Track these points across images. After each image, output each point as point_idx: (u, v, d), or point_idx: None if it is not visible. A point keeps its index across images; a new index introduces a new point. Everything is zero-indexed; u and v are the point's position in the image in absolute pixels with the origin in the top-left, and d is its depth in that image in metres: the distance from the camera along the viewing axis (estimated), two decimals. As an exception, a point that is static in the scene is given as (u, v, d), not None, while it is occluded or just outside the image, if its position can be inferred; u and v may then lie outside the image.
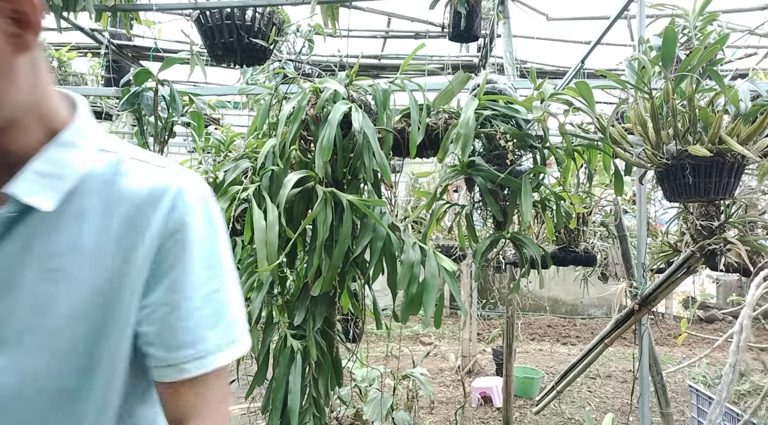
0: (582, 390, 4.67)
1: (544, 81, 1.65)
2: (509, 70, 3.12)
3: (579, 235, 3.48)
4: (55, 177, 0.51)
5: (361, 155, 1.51)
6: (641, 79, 1.58)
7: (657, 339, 6.14)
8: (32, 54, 0.51)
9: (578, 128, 1.97)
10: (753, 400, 3.08)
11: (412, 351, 3.64)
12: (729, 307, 6.76)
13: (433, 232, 2.49)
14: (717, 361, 4.64)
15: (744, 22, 3.53)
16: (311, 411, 1.66)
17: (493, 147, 1.67)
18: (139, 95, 2.10)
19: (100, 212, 0.52)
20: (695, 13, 2.32)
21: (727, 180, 1.55)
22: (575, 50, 4.14)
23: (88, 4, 2.21)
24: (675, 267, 2.20)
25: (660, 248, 2.48)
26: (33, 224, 0.51)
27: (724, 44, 1.60)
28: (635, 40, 2.41)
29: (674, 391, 4.46)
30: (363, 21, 4.12)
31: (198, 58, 2.43)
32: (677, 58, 1.74)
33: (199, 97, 2.36)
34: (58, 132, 0.53)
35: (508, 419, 3.41)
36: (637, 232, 2.30)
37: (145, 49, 3.61)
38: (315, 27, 2.54)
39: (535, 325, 7.33)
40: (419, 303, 1.47)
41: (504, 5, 3.23)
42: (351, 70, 1.66)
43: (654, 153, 1.61)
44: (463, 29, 2.91)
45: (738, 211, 2.16)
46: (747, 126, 1.52)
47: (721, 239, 2.00)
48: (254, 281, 1.63)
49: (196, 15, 2.40)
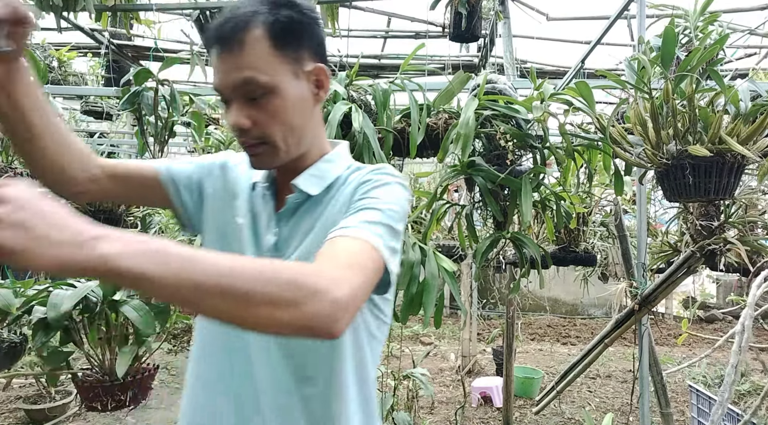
0: (582, 390, 4.67)
1: (544, 81, 1.64)
2: (509, 70, 3.12)
3: (579, 235, 3.48)
4: (319, 177, 0.84)
5: (361, 155, 1.51)
6: (641, 79, 1.58)
7: (657, 339, 6.14)
8: (319, 106, 0.85)
9: (578, 128, 1.97)
10: (753, 400, 3.08)
11: (412, 351, 3.64)
12: (729, 307, 6.76)
13: (433, 232, 2.48)
14: (717, 361, 4.64)
15: (744, 22, 3.53)
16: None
17: (493, 147, 1.67)
18: (139, 95, 2.10)
19: (341, 193, 0.83)
20: (696, 13, 2.32)
21: (727, 180, 1.55)
22: (575, 50, 4.14)
23: (88, 4, 2.21)
24: (675, 267, 2.20)
25: (660, 248, 2.48)
26: (308, 203, 0.84)
27: (724, 44, 1.60)
28: (635, 40, 2.41)
29: (674, 391, 4.46)
30: (363, 21, 4.12)
31: (198, 58, 2.43)
32: (677, 58, 1.74)
33: (199, 97, 2.36)
34: (323, 156, 0.87)
35: (508, 419, 3.41)
36: (637, 232, 2.30)
37: (145, 49, 3.61)
38: (315, 27, 2.54)
39: (535, 325, 7.33)
40: (419, 303, 1.47)
41: (504, 5, 3.24)
42: (351, 70, 1.66)
43: (654, 153, 1.61)
44: (463, 29, 2.91)
45: (738, 211, 2.16)
46: (747, 126, 1.52)
47: (721, 239, 2.00)
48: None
49: (196, 15, 2.40)
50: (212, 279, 0.52)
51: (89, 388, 1.91)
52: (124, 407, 1.95)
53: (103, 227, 0.53)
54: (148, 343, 2.05)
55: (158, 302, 1.57)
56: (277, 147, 0.78)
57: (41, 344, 1.76)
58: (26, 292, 1.99)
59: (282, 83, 0.75)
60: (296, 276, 0.57)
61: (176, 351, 5.69)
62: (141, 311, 1.87)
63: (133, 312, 1.85)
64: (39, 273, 1.72)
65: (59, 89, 3.50)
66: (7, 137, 0.77)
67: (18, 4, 0.66)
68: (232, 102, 0.76)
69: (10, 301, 1.87)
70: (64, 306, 1.73)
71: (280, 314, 0.54)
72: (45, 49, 3.93)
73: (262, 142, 0.77)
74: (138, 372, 2.01)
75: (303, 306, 0.55)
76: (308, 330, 0.57)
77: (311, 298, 0.56)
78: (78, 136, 0.95)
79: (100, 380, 1.93)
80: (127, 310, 1.86)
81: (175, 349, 5.81)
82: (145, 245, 0.51)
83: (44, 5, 2.23)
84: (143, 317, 1.85)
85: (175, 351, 5.58)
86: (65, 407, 3.81)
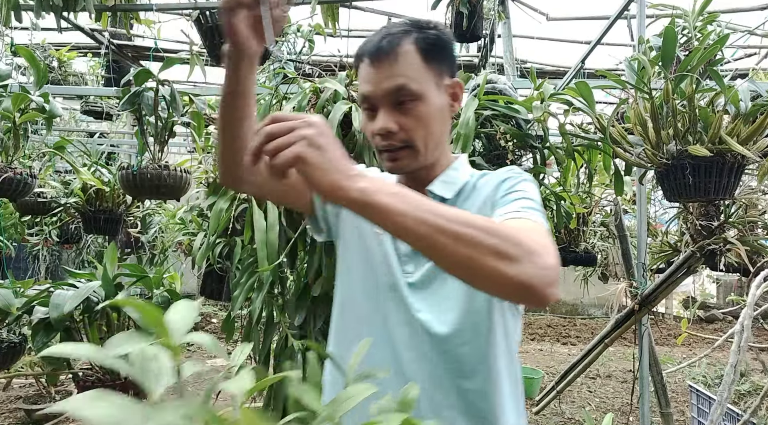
0: (582, 390, 4.67)
1: (544, 81, 1.65)
2: (509, 70, 3.12)
3: (579, 235, 3.48)
4: (450, 183, 0.91)
5: (362, 155, 1.51)
6: (641, 79, 1.58)
7: (657, 339, 6.14)
8: (451, 118, 0.91)
9: (578, 128, 1.97)
10: (753, 400, 3.08)
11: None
12: (729, 307, 6.76)
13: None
14: (717, 361, 4.65)
15: (744, 22, 3.53)
16: (311, 411, 1.65)
17: (493, 147, 1.67)
18: (139, 95, 2.10)
19: (473, 197, 0.90)
20: (695, 13, 2.32)
21: (727, 180, 1.55)
22: (575, 50, 4.14)
23: (88, 4, 2.21)
24: (675, 267, 2.20)
25: (660, 248, 2.48)
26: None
27: (724, 44, 1.60)
28: (635, 40, 2.41)
29: (674, 391, 4.46)
30: (363, 21, 4.12)
31: (198, 58, 2.43)
32: (677, 58, 1.74)
33: (199, 97, 2.36)
34: (449, 165, 0.94)
35: (508, 419, 3.40)
36: (637, 232, 2.30)
37: (145, 49, 3.61)
38: (315, 27, 2.55)
39: (535, 325, 7.33)
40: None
41: (504, 5, 3.24)
42: (351, 70, 1.66)
43: (654, 153, 1.61)
44: (464, 29, 2.91)
45: (738, 211, 2.16)
46: (747, 126, 1.52)
47: (721, 239, 2.00)
48: (254, 281, 1.64)
49: (196, 15, 2.40)
50: (447, 222, 0.59)
51: (90, 388, 1.91)
52: (124, 407, 1.95)
53: (359, 168, 0.66)
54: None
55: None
56: (418, 151, 0.86)
57: (42, 344, 1.76)
58: (26, 292, 1.99)
59: (428, 92, 0.84)
60: (515, 234, 0.61)
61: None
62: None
63: (135, 312, 1.85)
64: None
65: (59, 89, 3.50)
66: (227, 114, 0.86)
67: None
68: (379, 109, 0.84)
69: (10, 301, 1.88)
70: (66, 306, 1.73)
71: (504, 267, 0.58)
72: (45, 49, 3.93)
73: (406, 145, 0.85)
74: (138, 372, 2.01)
75: (524, 264, 0.59)
76: (526, 289, 0.59)
77: (529, 258, 0.59)
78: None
79: (101, 379, 1.93)
80: (129, 310, 1.86)
81: (175, 349, 5.80)
82: (392, 187, 0.61)
83: (44, 5, 2.23)
84: (144, 317, 1.85)
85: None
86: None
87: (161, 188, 2.22)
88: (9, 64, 2.54)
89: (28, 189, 2.22)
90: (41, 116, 2.17)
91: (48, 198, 3.22)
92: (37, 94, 2.14)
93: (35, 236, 4.24)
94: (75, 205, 2.97)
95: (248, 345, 0.58)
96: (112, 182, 2.88)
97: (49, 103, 2.16)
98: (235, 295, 1.66)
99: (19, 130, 2.16)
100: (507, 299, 0.76)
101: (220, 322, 2.32)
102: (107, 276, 1.89)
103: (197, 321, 1.48)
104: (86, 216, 2.92)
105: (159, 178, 2.20)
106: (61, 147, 2.81)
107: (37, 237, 4.21)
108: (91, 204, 2.89)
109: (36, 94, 2.14)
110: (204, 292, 2.55)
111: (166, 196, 2.35)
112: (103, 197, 2.89)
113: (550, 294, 0.61)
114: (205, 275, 2.55)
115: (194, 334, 0.36)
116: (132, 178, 2.19)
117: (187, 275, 3.61)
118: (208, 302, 7.31)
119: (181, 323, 0.36)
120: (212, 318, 6.78)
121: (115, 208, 2.93)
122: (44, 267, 5.24)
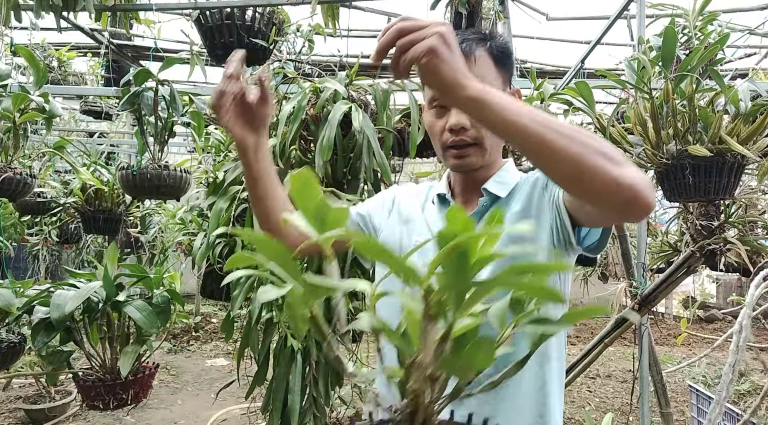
0: (582, 390, 4.68)
1: (544, 81, 1.65)
2: (509, 70, 3.11)
3: (579, 235, 3.47)
4: (503, 183, 0.98)
5: (361, 155, 1.51)
6: (641, 79, 1.58)
7: (657, 339, 6.14)
8: None
9: (578, 128, 1.97)
10: (753, 400, 3.08)
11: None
12: (729, 307, 6.77)
13: (433, 232, 2.48)
14: (717, 361, 4.65)
15: (744, 22, 3.53)
16: (311, 411, 1.66)
17: (493, 147, 1.67)
18: (139, 95, 2.10)
19: (517, 196, 0.98)
20: (695, 13, 2.32)
21: (727, 180, 1.55)
22: (575, 50, 4.14)
23: (88, 3, 2.21)
24: (675, 267, 2.20)
25: (660, 248, 2.48)
26: (496, 206, 0.95)
27: (724, 44, 1.61)
28: (635, 40, 2.41)
29: (674, 391, 4.46)
30: (363, 21, 4.12)
31: (198, 58, 2.43)
32: (677, 58, 1.74)
33: (199, 97, 2.36)
34: (501, 167, 1.02)
35: (508, 419, 3.40)
36: (637, 232, 2.30)
37: (145, 49, 3.60)
38: (315, 27, 2.54)
39: (535, 325, 7.33)
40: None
41: (504, 5, 3.23)
42: (351, 70, 1.66)
43: (654, 153, 1.61)
44: (464, 29, 2.91)
45: (738, 210, 2.16)
46: (747, 126, 1.52)
47: (721, 239, 2.00)
48: (254, 281, 1.64)
49: (196, 15, 2.39)
50: (559, 124, 0.65)
51: (90, 387, 1.91)
52: (125, 405, 1.95)
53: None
54: (150, 342, 2.06)
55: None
56: (485, 149, 0.95)
57: (42, 344, 1.76)
58: (26, 292, 1.99)
59: None
60: (612, 147, 0.67)
61: (176, 351, 5.70)
62: (144, 311, 1.87)
63: (136, 313, 1.86)
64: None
65: (59, 89, 3.50)
66: (253, 195, 0.95)
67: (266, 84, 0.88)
68: (452, 107, 0.92)
69: (11, 301, 1.88)
70: (68, 306, 1.73)
71: (611, 167, 0.63)
72: (45, 49, 3.93)
73: (475, 142, 0.94)
74: (139, 370, 2.02)
75: (630, 168, 0.65)
76: (631, 190, 0.63)
77: (629, 165, 0.65)
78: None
79: (102, 379, 1.93)
80: (130, 310, 1.86)
81: (175, 349, 5.81)
82: (501, 93, 0.67)
83: (44, 5, 2.22)
84: (146, 317, 1.86)
85: (174, 351, 5.59)
86: (65, 407, 3.81)
87: (161, 188, 2.22)
88: (9, 63, 2.54)
89: (27, 189, 2.22)
90: (41, 116, 2.17)
91: (48, 198, 3.22)
92: (36, 93, 2.14)
93: (35, 236, 4.24)
94: (74, 204, 2.97)
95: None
96: (112, 182, 2.88)
97: (48, 103, 2.16)
98: (235, 295, 1.66)
99: (18, 130, 2.16)
100: (610, 203, 0.69)
101: (220, 322, 2.32)
102: (108, 277, 1.89)
103: (197, 321, 1.49)
104: (86, 216, 2.92)
105: (159, 177, 2.19)
106: (61, 147, 2.81)
107: (37, 237, 4.21)
108: (91, 204, 2.89)
109: (36, 93, 2.14)
110: (204, 292, 2.55)
111: (166, 196, 2.35)
112: (103, 197, 2.89)
113: (653, 200, 0.65)
114: (205, 275, 2.55)
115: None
116: (132, 177, 2.19)
117: (187, 275, 3.61)
118: (208, 302, 7.31)
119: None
120: (212, 318, 6.78)
121: (114, 208, 2.93)
122: (44, 267, 5.24)
